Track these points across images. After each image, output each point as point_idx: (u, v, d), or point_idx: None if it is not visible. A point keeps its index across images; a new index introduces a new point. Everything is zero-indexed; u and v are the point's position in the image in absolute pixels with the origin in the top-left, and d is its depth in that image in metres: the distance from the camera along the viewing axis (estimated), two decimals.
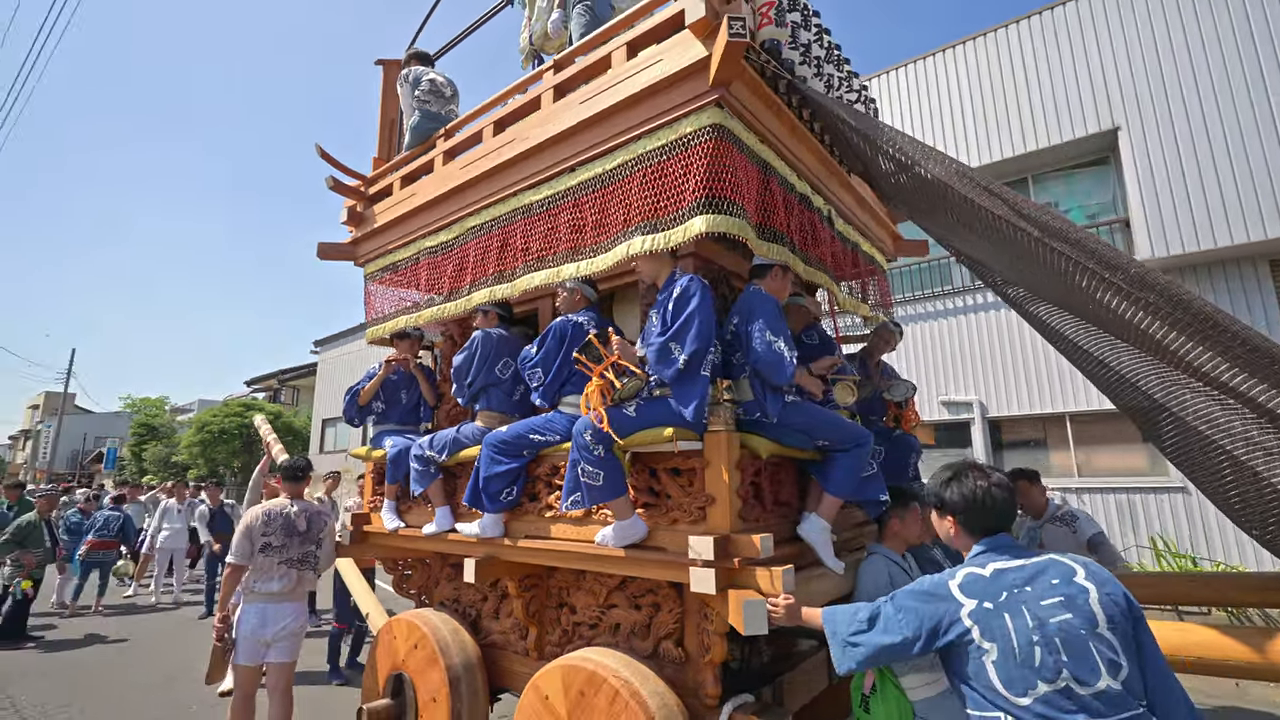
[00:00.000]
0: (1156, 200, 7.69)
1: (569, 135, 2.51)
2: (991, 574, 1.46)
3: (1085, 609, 1.33)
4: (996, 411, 8.76)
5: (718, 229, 2.03)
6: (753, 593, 1.85)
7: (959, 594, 1.46)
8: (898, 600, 1.58)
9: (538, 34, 3.34)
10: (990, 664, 1.35)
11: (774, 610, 1.79)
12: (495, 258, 2.77)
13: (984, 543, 1.57)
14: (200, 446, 20.56)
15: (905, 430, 3.11)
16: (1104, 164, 8.83)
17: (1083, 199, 9.03)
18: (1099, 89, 8.33)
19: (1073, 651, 1.29)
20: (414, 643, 2.79)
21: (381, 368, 3.28)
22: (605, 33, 2.58)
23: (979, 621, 1.39)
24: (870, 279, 3.27)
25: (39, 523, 6.37)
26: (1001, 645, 1.35)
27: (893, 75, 10.17)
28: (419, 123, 3.27)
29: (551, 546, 2.39)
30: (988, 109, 9.19)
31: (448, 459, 2.80)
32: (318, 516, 3.32)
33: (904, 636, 1.49)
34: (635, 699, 1.97)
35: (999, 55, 9.23)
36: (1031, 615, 1.35)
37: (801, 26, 2.29)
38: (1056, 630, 1.31)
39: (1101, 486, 7.87)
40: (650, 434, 2.08)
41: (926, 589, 1.54)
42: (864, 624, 1.59)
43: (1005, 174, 9.36)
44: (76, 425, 35.98)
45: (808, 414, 2.23)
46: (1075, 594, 1.35)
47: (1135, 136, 7.96)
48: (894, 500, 2.36)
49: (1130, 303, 1.73)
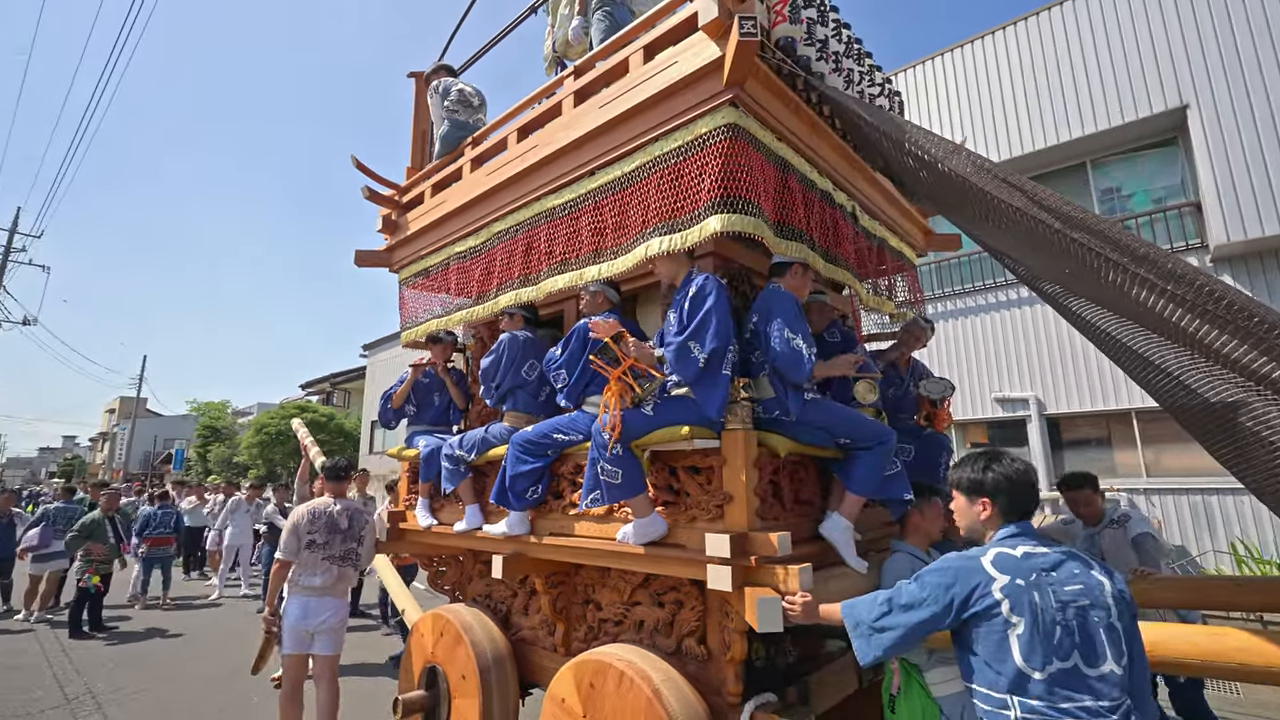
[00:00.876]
0: (1231, 181, 7.22)
1: (589, 139, 2.58)
2: (1021, 555, 1.52)
3: (1101, 600, 1.44)
4: (1055, 408, 8.39)
5: (733, 228, 2.05)
6: (768, 590, 1.87)
7: (991, 568, 1.53)
8: (923, 578, 1.62)
9: (560, 41, 3.43)
10: (1015, 637, 1.43)
11: (790, 608, 1.80)
12: (520, 261, 2.86)
13: (1015, 526, 1.63)
14: (259, 448, 21.71)
15: (937, 430, 3.04)
16: (1170, 145, 8.34)
17: (1148, 182, 8.56)
18: (1164, 66, 7.88)
19: (1085, 636, 1.40)
20: (446, 636, 2.92)
21: (411, 371, 3.44)
22: (623, 37, 2.64)
23: (1010, 596, 1.46)
24: (899, 275, 3.22)
25: (103, 520, 6.89)
26: (1029, 620, 1.42)
27: (943, 59, 9.84)
28: (448, 132, 3.41)
29: (575, 544, 2.46)
30: (1041, 92, 8.80)
31: (477, 458, 2.92)
32: (359, 515, 3.50)
33: (933, 611, 1.54)
34: (640, 676, 2.04)
35: (1053, 35, 8.84)
36: (1056, 598, 1.44)
37: (818, 22, 2.28)
38: (1075, 614, 1.42)
39: (1174, 488, 7.43)
40: (667, 432, 2.12)
41: (954, 562, 1.59)
42: (886, 605, 1.63)
43: (1063, 159, 8.95)
44: (148, 428, 38.58)
45: (828, 411, 2.22)
46: (1093, 585, 1.46)
47: (1206, 114, 7.49)
48: (914, 495, 2.34)
49: (1161, 296, 1.66)
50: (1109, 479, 8.05)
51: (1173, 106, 7.77)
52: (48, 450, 73.01)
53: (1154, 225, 8.11)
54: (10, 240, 19.03)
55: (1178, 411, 2.31)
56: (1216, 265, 7.49)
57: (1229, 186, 7.23)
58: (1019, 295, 8.82)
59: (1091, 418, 8.29)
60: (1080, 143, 8.60)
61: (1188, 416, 2.28)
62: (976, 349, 9.15)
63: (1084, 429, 8.45)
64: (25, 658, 5.64)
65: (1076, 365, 8.25)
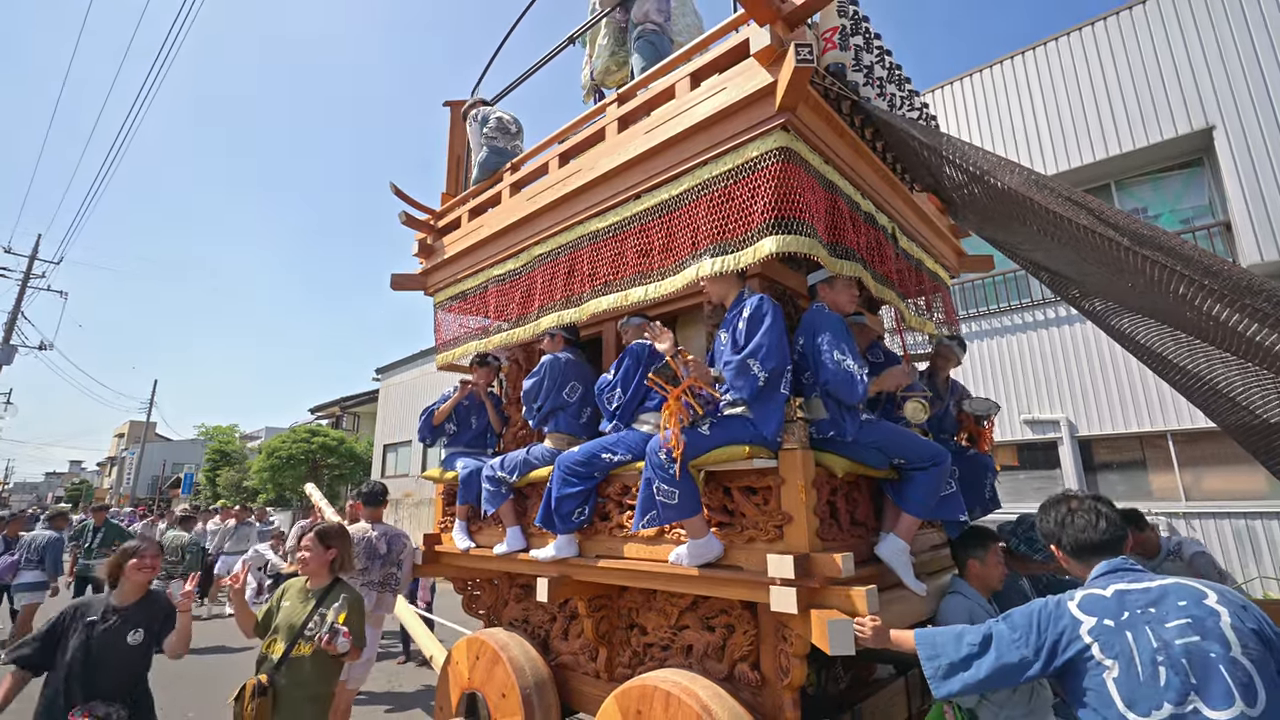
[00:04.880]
0: (1263, 200, 7.26)
1: (634, 164, 2.67)
2: (1113, 595, 1.47)
3: (1216, 631, 1.30)
4: (1087, 430, 8.31)
5: (788, 249, 2.10)
6: (836, 613, 1.87)
7: (1078, 612, 1.47)
8: (1013, 620, 1.58)
9: (599, 70, 3.56)
10: (1111, 681, 1.34)
11: (861, 631, 1.81)
12: (563, 283, 2.93)
13: (1104, 565, 1.58)
14: (269, 472, 21.81)
15: (980, 450, 3.05)
16: (1196, 165, 8.40)
17: (1175, 203, 8.60)
18: (1189, 87, 7.98)
19: (1201, 674, 1.26)
20: (483, 659, 2.92)
21: (458, 390, 3.50)
22: (668, 65, 2.75)
23: (1099, 638, 1.39)
24: (935, 296, 3.27)
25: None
26: (1123, 662, 1.34)
27: (967, 81, 10.00)
28: (486, 158, 3.52)
29: (625, 566, 2.48)
30: (1064, 114, 8.92)
31: (519, 480, 2.95)
32: (397, 539, 3.54)
33: (1022, 656, 1.50)
34: (687, 694, 2.03)
35: (1073, 59, 8.99)
36: (1155, 636, 1.33)
37: (864, 49, 2.37)
38: (1183, 652, 1.29)
39: (1214, 511, 7.30)
40: (726, 452, 2.15)
41: (1043, 607, 1.55)
42: (975, 646, 1.58)
43: (1086, 180, 9.02)
44: (157, 453, 38.94)
45: (883, 432, 2.25)
46: (1204, 616, 1.33)
47: (1234, 134, 7.57)
48: (972, 542, 2.34)
49: (1235, 309, 1.69)
50: (1146, 503, 7.93)
51: (1199, 128, 7.85)
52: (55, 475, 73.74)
53: None
54: (30, 267, 19.55)
55: (1237, 430, 2.32)
56: None
57: (1260, 206, 7.26)
58: (1048, 315, 8.81)
59: (1125, 440, 8.19)
60: (1104, 164, 8.68)
61: (1248, 435, 2.29)
62: (1005, 370, 9.12)
63: (1119, 450, 8.35)
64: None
65: (1109, 386, 8.20)
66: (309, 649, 2.60)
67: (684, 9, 3.38)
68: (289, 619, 2.68)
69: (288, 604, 2.76)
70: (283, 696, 2.54)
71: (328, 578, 2.81)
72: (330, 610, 2.65)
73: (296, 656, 2.60)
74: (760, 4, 2.12)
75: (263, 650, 2.68)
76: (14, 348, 18.23)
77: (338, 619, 2.58)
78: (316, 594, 2.75)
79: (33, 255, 19.72)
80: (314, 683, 2.61)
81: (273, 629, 2.70)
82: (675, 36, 3.25)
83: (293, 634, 2.62)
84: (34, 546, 6.71)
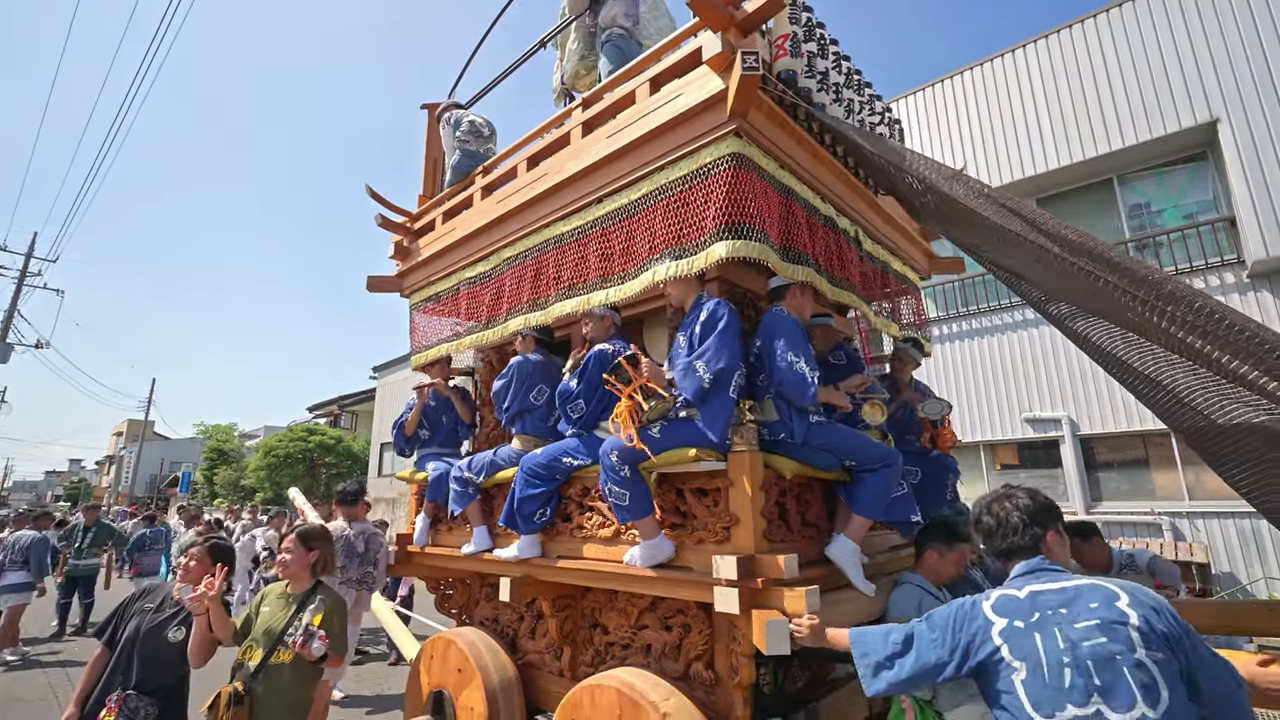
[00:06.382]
0: (1268, 195, 7.25)
1: (597, 168, 2.74)
2: (1027, 595, 1.51)
3: (1123, 633, 1.33)
4: (1089, 428, 8.34)
5: (739, 254, 2.17)
6: (776, 613, 1.95)
7: (990, 613, 1.52)
8: (932, 620, 1.63)
9: (569, 74, 3.64)
10: (1020, 682, 1.39)
11: (798, 630, 1.88)
12: (530, 286, 3.01)
13: (1022, 565, 1.63)
14: (267, 470, 22.10)
15: (942, 451, 3.12)
16: (1200, 159, 8.38)
17: (1178, 198, 8.59)
18: (1193, 80, 7.97)
19: (1105, 676, 1.30)
20: (451, 659, 3.02)
21: (418, 396, 3.59)
22: (631, 70, 2.82)
23: (1008, 640, 1.44)
24: (902, 298, 3.33)
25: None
26: (1031, 664, 1.38)
27: (968, 75, 10.00)
28: (459, 161, 3.61)
29: (583, 566, 2.56)
30: (1066, 107, 8.91)
31: (485, 480, 3.04)
32: (374, 538, 3.65)
33: (939, 656, 1.55)
34: (628, 689, 2.16)
35: (1075, 51, 8.98)
36: (1063, 636, 1.37)
37: (819, 55, 2.44)
38: (1089, 653, 1.33)
39: (1218, 511, 7.33)
40: (674, 454, 2.22)
41: (960, 608, 1.60)
42: (899, 645, 1.64)
43: (1088, 175, 9.02)
44: (155, 451, 39.40)
45: (833, 434, 2.32)
46: (1113, 618, 1.36)
47: (1238, 128, 7.56)
48: (939, 534, 2.41)
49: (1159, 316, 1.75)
50: (1149, 502, 7.96)
51: (1203, 121, 7.83)
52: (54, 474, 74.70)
53: (1187, 241, 8.12)
54: (26, 265, 19.83)
55: (1187, 433, 2.38)
56: (1254, 281, 7.46)
57: (1265, 201, 7.25)
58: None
59: (1128, 438, 8.22)
60: (1106, 159, 8.68)
61: (1196, 438, 2.34)
62: (1005, 368, 9.14)
63: (1120, 450, 8.38)
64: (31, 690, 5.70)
65: (1111, 384, 8.22)
66: (289, 656, 2.51)
67: (657, 13, 3.44)
68: (268, 624, 2.59)
69: (267, 609, 2.68)
70: (260, 705, 2.44)
71: (309, 581, 2.74)
72: (306, 612, 2.58)
73: (275, 664, 2.50)
74: (713, 12, 2.19)
75: (239, 657, 2.59)
76: (10, 346, 18.52)
77: (313, 621, 2.53)
78: (298, 598, 2.67)
79: (29, 253, 20.01)
80: (293, 690, 2.52)
81: (250, 635, 2.61)
82: (646, 40, 3.32)
83: (272, 640, 2.53)
84: (18, 547, 6.77)
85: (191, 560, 2.70)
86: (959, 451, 9.54)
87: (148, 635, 2.60)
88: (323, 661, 2.53)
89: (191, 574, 2.67)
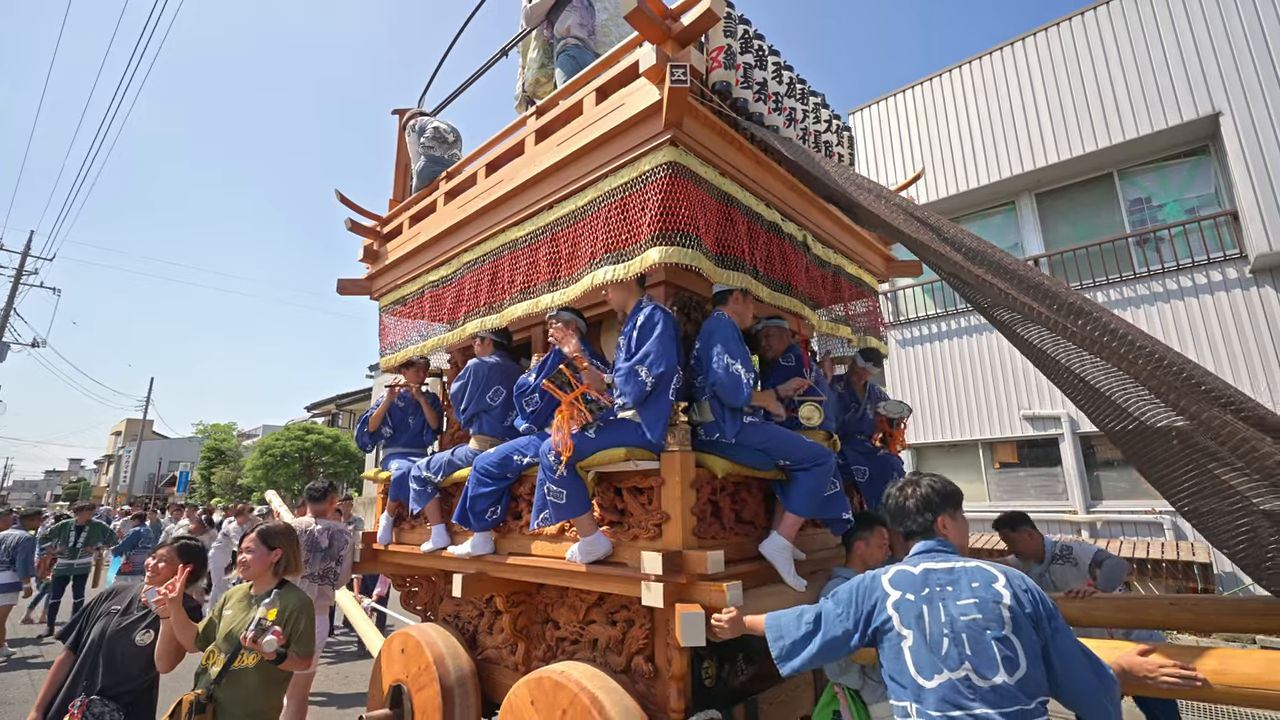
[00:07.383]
0: (1271, 189, 7.23)
1: (547, 175, 2.84)
2: (920, 572, 1.67)
3: (995, 611, 1.53)
4: (1089, 426, 8.34)
5: (671, 259, 2.27)
6: (696, 606, 2.05)
7: (888, 585, 1.69)
8: (838, 595, 1.78)
9: (530, 81, 3.74)
10: (907, 649, 1.57)
11: (717, 623, 1.98)
12: (487, 290, 3.11)
13: (920, 545, 1.79)
14: (264, 469, 22.30)
15: (892, 451, 3.21)
16: (1202, 153, 8.35)
17: (1180, 192, 8.55)
18: (1194, 72, 7.94)
19: (975, 647, 1.50)
20: (411, 654, 3.13)
21: (387, 395, 3.71)
22: (581, 79, 2.92)
23: (899, 610, 1.62)
24: (858, 302, 3.42)
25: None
26: (917, 633, 1.57)
27: (967, 68, 9.99)
28: (424, 167, 3.71)
29: (531, 563, 2.67)
30: (1065, 101, 8.88)
31: (443, 480, 3.15)
32: (339, 535, 3.76)
33: (844, 628, 1.71)
34: (568, 681, 2.24)
35: (1075, 44, 8.95)
36: (945, 611, 1.56)
37: (756, 66, 2.53)
38: (964, 627, 1.52)
39: None
40: (608, 454, 2.32)
41: (860, 582, 1.76)
42: (810, 624, 1.79)
43: (1088, 169, 8.98)
44: (153, 450, 39.71)
45: (767, 434, 2.42)
46: (989, 598, 1.56)
47: (1241, 121, 7.53)
48: (859, 524, 2.51)
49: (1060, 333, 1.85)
50: (1150, 501, 7.94)
51: (1204, 114, 7.79)
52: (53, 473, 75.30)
53: (1189, 236, 8.09)
54: (22, 263, 20.05)
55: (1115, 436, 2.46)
56: (1257, 276, 7.44)
57: (1268, 194, 7.21)
58: None
59: None
60: (1106, 153, 8.63)
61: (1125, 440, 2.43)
62: (1003, 365, 9.13)
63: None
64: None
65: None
66: (253, 660, 2.41)
67: (617, 22, 3.54)
68: (230, 628, 2.49)
69: (229, 612, 2.57)
70: (223, 713, 2.35)
71: (272, 581, 2.63)
72: (260, 607, 2.48)
73: (238, 669, 2.40)
74: (650, 26, 2.28)
75: (202, 663, 2.49)
76: (6, 345, 18.74)
77: (267, 615, 2.42)
78: (259, 599, 2.56)
79: (25, 251, 20.23)
80: (257, 698, 2.42)
81: (213, 640, 2.52)
82: (604, 50, 3.41)
83: (234, 645, 2.42)
84: (4, 547, 6.78)
85: (160, 561, 2.63)
86: (958, 450, 9.60)
87: (114, 638, 2.53)
88: (281, 662, 2.39)
89: (160, 575, 2.59)
